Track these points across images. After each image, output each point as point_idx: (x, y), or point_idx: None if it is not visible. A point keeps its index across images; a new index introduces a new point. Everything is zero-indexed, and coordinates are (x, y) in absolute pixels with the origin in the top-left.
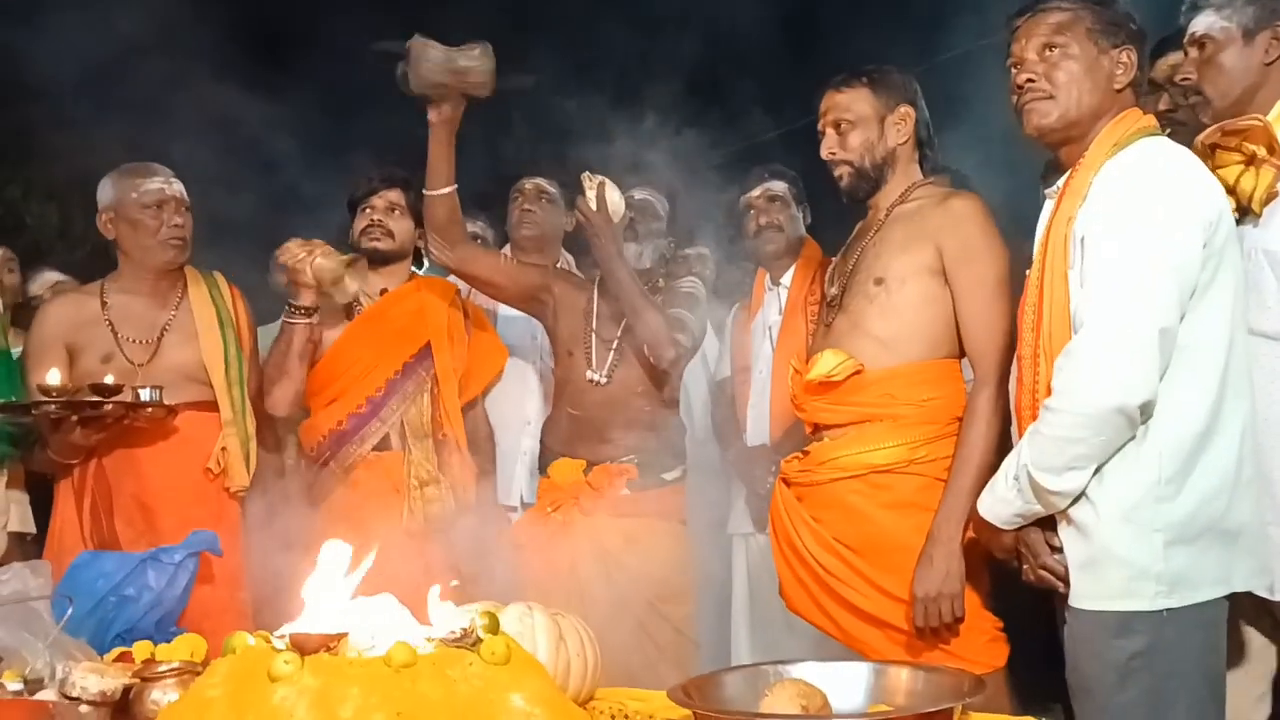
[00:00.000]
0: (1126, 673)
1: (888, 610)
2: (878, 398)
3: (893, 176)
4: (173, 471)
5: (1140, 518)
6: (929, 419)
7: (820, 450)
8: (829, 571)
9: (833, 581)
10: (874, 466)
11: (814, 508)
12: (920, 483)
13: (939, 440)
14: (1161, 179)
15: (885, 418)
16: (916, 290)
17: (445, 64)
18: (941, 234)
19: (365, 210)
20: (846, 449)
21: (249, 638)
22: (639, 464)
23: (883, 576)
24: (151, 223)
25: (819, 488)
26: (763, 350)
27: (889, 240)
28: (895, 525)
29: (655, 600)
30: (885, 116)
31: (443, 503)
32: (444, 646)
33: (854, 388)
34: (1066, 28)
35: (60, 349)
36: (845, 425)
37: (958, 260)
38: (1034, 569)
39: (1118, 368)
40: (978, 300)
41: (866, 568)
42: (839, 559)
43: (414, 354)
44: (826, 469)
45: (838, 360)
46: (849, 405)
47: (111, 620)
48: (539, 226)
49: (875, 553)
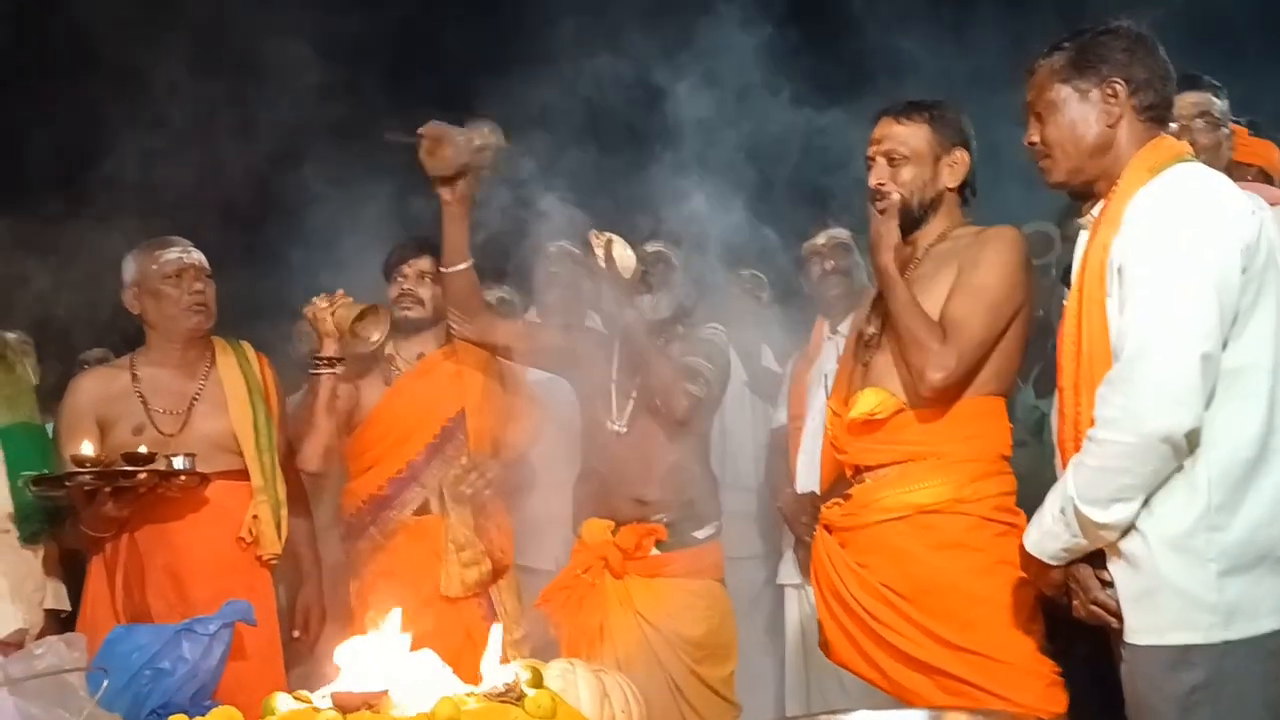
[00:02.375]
0: (1188, 707)
1: (938, 656)
2: (921, 436)
3: (934, 218)
4: (205, 542)
5: (1192, 547)
6: (974, 456)
7: (863, 493)
8: (876, 618)
9: (880, 628)
10: (919, 506)
11: (859, 553)
12: (968, 522)
13: (985, 479)
14: (1196, 203)
15: (929, 456)
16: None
17: (467, 145)
18: (963, 256)
19: (397, 279)
20: (890, 489)
21: (289, 699)
22: (668, 523)
23: (933, 621)
24: (173, 291)
25: (863, 531)
26: (817, 398)
27: (926, 277)
28: (944, 567)
29: (691, 663)
30: (941, 157)
31: (480, 566)
32: (488, 701)
33: (897, 426)
34: (1044, 85)
35: (91, 423)
36: (888, 465)
37: (963, 270)
38: (1085, 605)
39: (1162, 395)
40: (964, 298)
41: (915, 612)
42: (886, 604)
43: (451, 417)
44: (870, 511)
45: (879, 399)
46: (892, 445)
47: (147, 695)
48: (565, 289)
49: (924, 596)
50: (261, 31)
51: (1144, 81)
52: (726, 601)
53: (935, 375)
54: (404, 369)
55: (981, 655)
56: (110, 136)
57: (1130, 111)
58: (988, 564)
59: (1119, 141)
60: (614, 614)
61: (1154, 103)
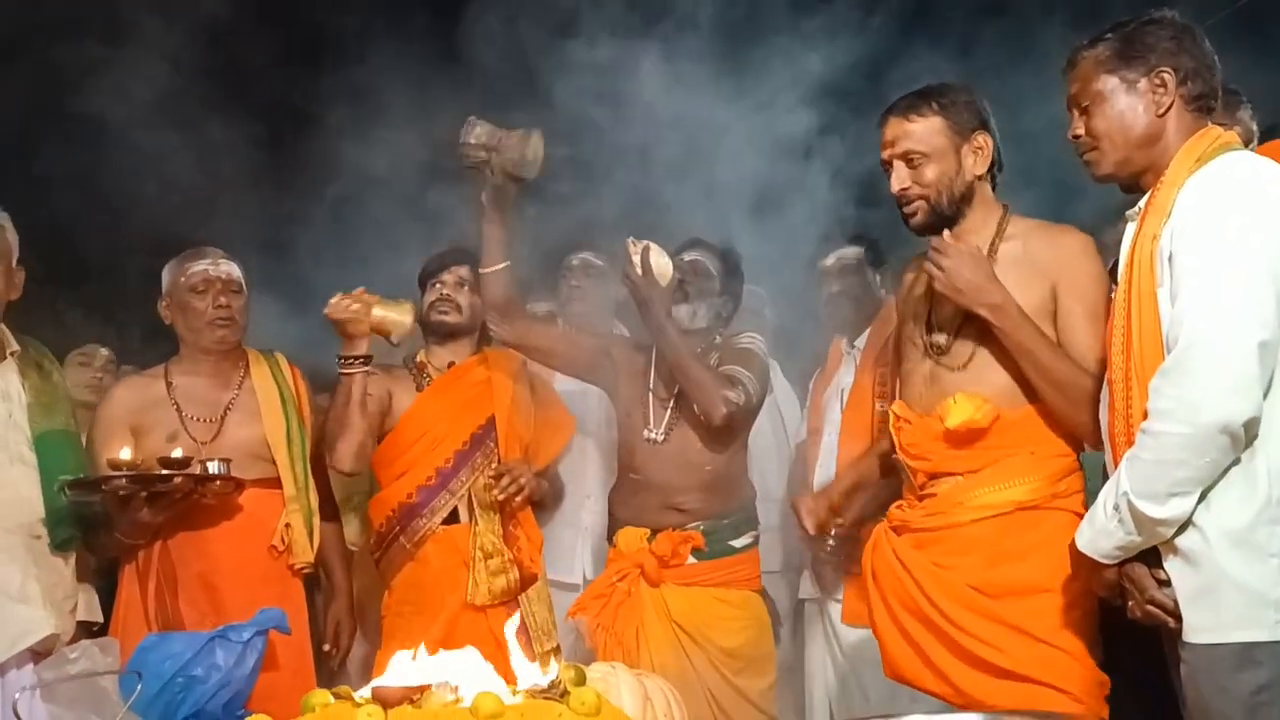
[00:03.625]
0: (1254, 707)
1: (1021, 658)
2: (1016, 438)
3: (970, 210)
4: (238, 550)
5: (1253, 541)
6: (1062, 452)
7: (955, 491)
8: (954, 623)
9: (957, 633)
10: (1019, 503)
11: (943, 554)
12: (1064, 519)
13: (1074, 474)
14: (1246, 190)
15: (1022, 454)
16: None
17: (485, 141)
18: (1057, 273)
19: (435, 285)
20: (984, 487)
21: (329, 695)
22: (705, 531)
23: (1017, 616)
24: (199, 304)
25: (951, 531)
26: (833, 411)
27: (1004, 282)
28: (1041, 564)
29: (730, 674)
30: (961, 145)
31: (507, 575)
32: (532, 698)
33: (997, 431)
34: (1089, 76)
35: (125, 431)
36: (978, 470)
37: (1069, 295)
38: (1140, 604)
39: (1219, 384)
40: (1078, 331)
41: (999, 608)
42: (969, 608)
43: (481, 425)
44: (963, 510)
45: (974, 405)
46: (988, 449)
47: (180, 702)
48: (588, 302)
49: (1011, 592)
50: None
51: (1192, 71)
52: (764, 612)
53: (1087, 417)
54: (435, 376)
55: (1069, 655)
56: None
57: (1179, 101)
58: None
59: (1168, 132)
60: (649, 623)
61: (1202, 92)
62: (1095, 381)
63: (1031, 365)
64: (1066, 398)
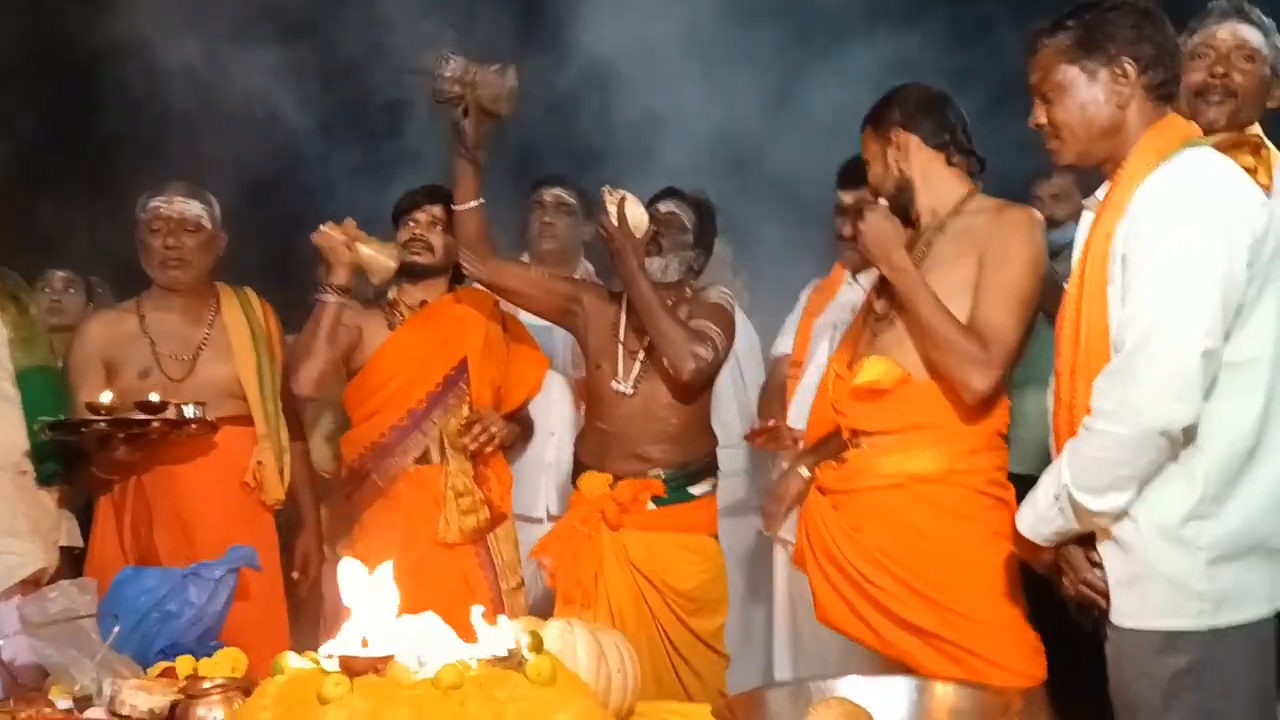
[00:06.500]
0: (1173, 692)
1: (930, 619)
2: (922, 408)
3: (918, 196)
4: (210, 486)
5: (1183, 536)
6: (972, 431)
7: (859, 458)
8: (870, 581)
9: (874, 591)
10: (915, 475)
11: (853, 516)
12: (962, 494)
13: (981, 453)
14: (1203, 194)
15: (928, 427)
16: (963, 309)
17: (459, 76)
18: (985, 246)
19: (408, 224)
20: (887, 456)
21: (297, 658)
22: (665, 479)
23: (926, 586)
24: (153, 243)
25: (858, 496)
26: (820, 351)
27: (939, 257)
28: (939, 535)
29: (682, 614)
30: (886, 149)
31: (478, 514)
32: (490, 667)
33: (900, 397)
34: (1050, 66)
35: (100, 367)
36: (887, 434)
37: (989, 268)
38: (1074, 585)
39: (1161, 390)
40: (986, 303)
41: (910, 577)
42: (880, 569)
43: (454, 366)
44: (866, 477)
45: (884, 368)
46: (893, 413)
47: (155, 635)
48: (559, 240)
49: (917, 562)
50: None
51: (1153, 59)
52: (719, 556)
53: (981, 385)
54: (407, 315)
55: (971, 619)
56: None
57: (1140, 91)
58: (981, 534)
59: (1129, 122)
60: (608, 565)
61: (1164, 80)
62: (986, 350)
63: (920, 327)
64: (945, 361)
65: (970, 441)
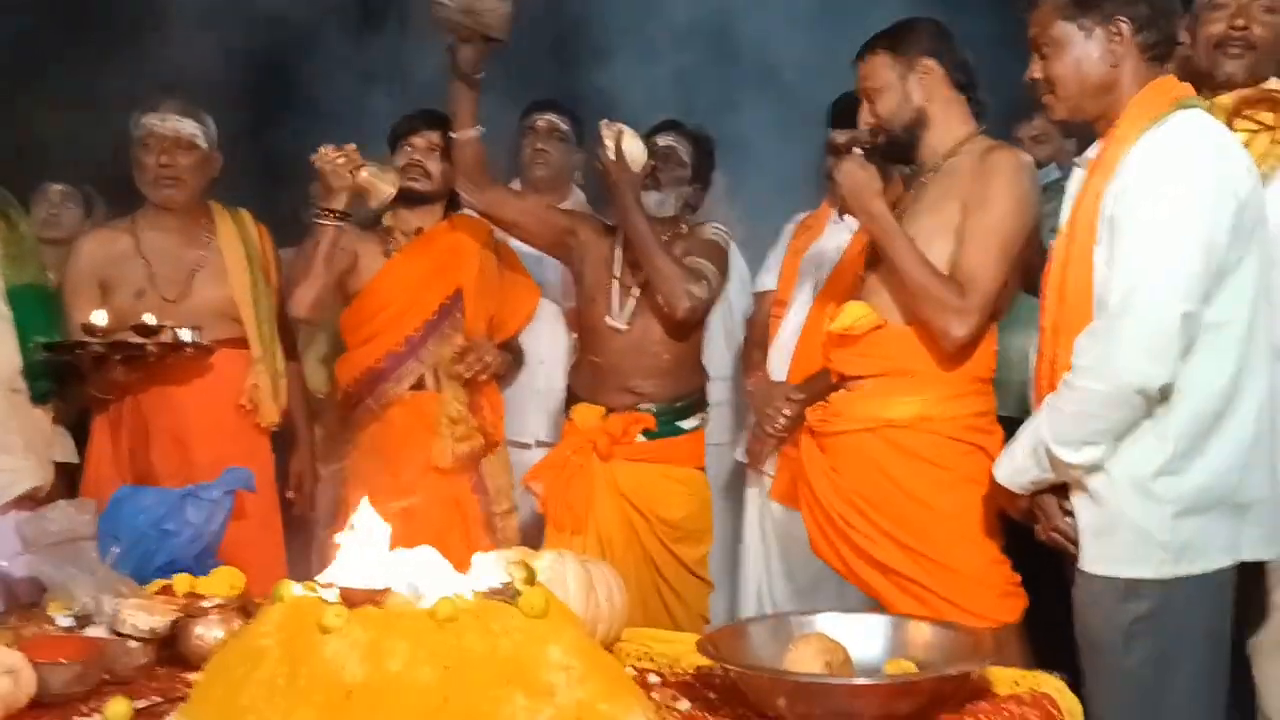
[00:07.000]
0: (1132, 635)
1: (900, 561)
2: (898, 353)
3: (928, 132)
4: (206, 407)
5: (1153, 490)
6: (950, 377)
7: (839, 401)
8: (846, 521)
9: (850, 531)
10: (888, 421)
11: (833, 457)
12: (935, 440)
13: (957, 399)
14: (1191, 157)
15: (905, 373)
16: (943, 251)
17: (463, 4)
18: (969, 189)
19: (405, 149)
20: (864, 401)
21: (296, 587)
22: (656, 413)
23: (895, 528)
24: (146, 160)
25: (838, 438)
26: (804, 291)
27: (925, 199)
28: (909, 480)
29: (669, 542)
30: (906, 75)
31: (472, 441)
32: (485, 600)
33: (875, 341)
34: (1047, 21)
35: (94, 287)
36: (866, 378)
37: (973, 211)
38: (1046, 530)
39: (1140, 351)
40: (969, 248)
41: (880, 519)
42: (855, 510)
43: (450, 295)
44: (844, 420)
45: (858, 314)
46: (869, 358)
47: (153, 553)
48: (551, 167)
49: (888, 504)
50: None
51: (1148, 19)
52: (706, 488)
53: (959, 332)
54: (402, 242)
55: (938, 563)
56: None
57: (1134, 50)
58: (952, 480)
59: (1122, 81)
60: (599, 494)
61: (1158, 40)
62: (964, 297)
63: (897, 273)
64: (923, 308)
65: (948, 388)
